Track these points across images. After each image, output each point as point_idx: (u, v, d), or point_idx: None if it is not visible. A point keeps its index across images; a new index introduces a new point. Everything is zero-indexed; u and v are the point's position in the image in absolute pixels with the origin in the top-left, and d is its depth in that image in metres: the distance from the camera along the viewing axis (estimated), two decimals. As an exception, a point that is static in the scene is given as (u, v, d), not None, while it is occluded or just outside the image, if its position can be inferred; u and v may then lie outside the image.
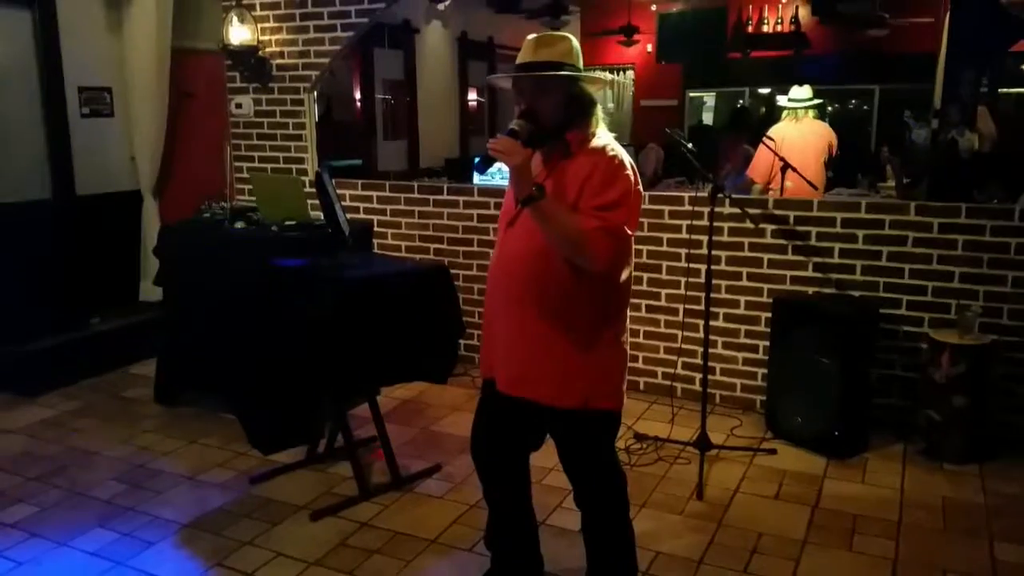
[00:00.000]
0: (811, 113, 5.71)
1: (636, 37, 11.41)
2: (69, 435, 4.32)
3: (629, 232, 2.32)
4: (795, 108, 5.68)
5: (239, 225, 4.51)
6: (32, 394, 4.87)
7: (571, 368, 2.41)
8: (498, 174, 5.56)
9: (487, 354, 2.61)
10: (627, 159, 2.36)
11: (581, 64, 2.42)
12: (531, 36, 2.40)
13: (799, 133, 5.56)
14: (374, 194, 5.53)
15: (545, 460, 2.78)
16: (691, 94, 12.04)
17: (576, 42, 2.44)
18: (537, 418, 2.53)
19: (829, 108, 10.67)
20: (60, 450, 4.14)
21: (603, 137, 2.40)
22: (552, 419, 2.50)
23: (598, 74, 2.56)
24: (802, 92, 5.69)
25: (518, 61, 2.39)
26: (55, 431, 4.37)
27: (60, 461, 4.01)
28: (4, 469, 3.92)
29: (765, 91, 11.45)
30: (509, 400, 2.50)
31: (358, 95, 9.01)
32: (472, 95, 10.88)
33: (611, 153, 2.34)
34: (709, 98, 12.13)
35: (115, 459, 4.04)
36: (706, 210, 3.98)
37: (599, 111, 2.43)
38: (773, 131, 5.59)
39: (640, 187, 2.38)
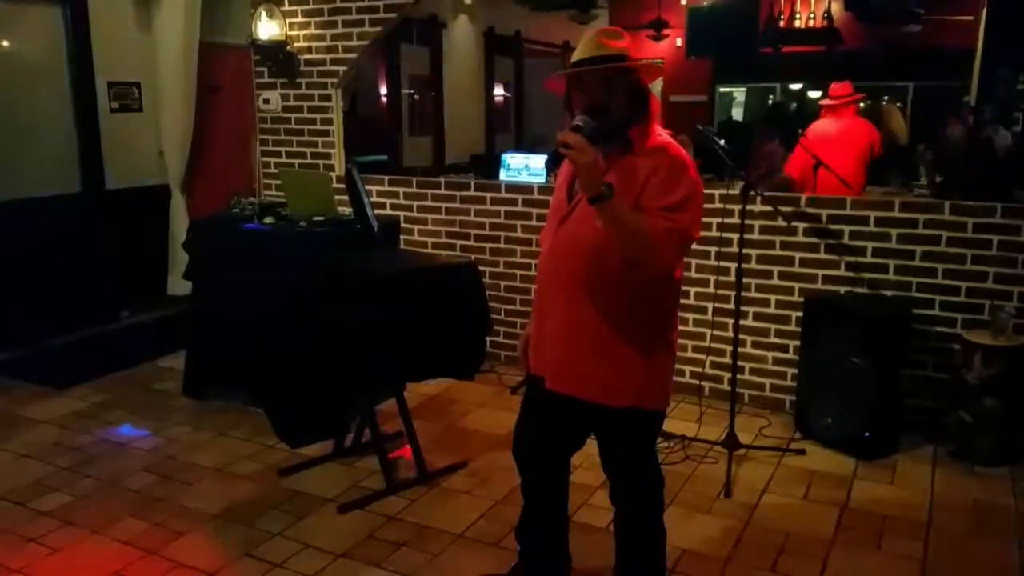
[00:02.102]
0: (852, 110, 5.61)
1: (666, 31, 11.34)
2: (100, 427, 4.37)
3: (695, 234, 2.28)
4: (833, 105, 5.60)
5: (268, 220, 4.54)
6: (62, 386, 4.93)
7: (625, 367, 2.38)
8: (525, 170, 5.57)
9: (536, 351, 2.57)
10: (689, 158, 2.32)
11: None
12: (590, 32, 2.35)
13: (836, 130, 5.48)
14: (401, 190, 5.54)
15: (573, 457, 2.77)
16: (721, 89, 11.96)
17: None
18: (584, 416, 2.51)
19: (861, 104, 10.56)
20: (91, 441, 4.19)
21: (663, 134, 2.36)
22: (600, 418, 2.47)
23: (654, 63, 2.49)
24: (840, 89, 5.61)
25: (577, 57, 2.32)
26: (86, 422, 4.42)
27: (91, 452, 4.06)
28: (37, 459, 3.98)
29: (796, 87, 11.36)
30: (557, 398, 2.47)
31: (384, 90, 9.04)
32: (498, 90, 10.87)
33: (674, 152, 2.29)
34: (739, 93, 12.05)
35: (145, 451, 4.08)
36: (737, 207, 3.95)
37: (656, 105, 2.39)
38: (811, 128, 5.53)
39: (702, 187, 2.33)
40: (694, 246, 4.57)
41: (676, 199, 2.23)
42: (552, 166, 2.25)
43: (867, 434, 3.95)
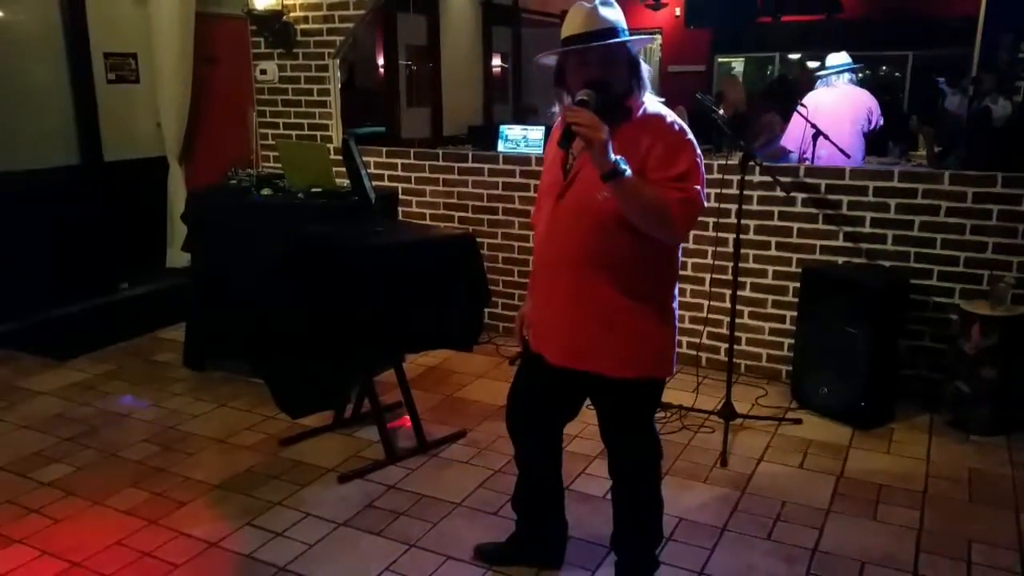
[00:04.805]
0: (844, 78, 5.56)
1: (664, 0, 11.25)
2: (100, 398, 4.39)
3: (703, 200, 2.28)
4: (827, 75, 5.56)
5: (266, 192, 4.53)
6: (62, 357, 4.95)
7: (634, 338, 2.39)
8: (523, 142, 5.55)
9: (537, 330, 2.56)
10: (685, 125, 2.31)
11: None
12: (584, 3, 2.30)
13: (832, 100, 5.44)
14: (399, 161, 5.52)
15: (570, 427, 2.79)
16: (720, 59, 11.87)
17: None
18: (585, 389, 2.53)
19: (860, 75, 10.50)
20: (92, 412, 4.21)
21: (655, 102, 2.35)
22: (607, 389, 2.47)
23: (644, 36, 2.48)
24: (835, 59, 5.57)
25: (574, 30, 2.27)
26: (86, 394, 4.44)
27: (92, 423, 4.08)
28: (38, 430, 3.99)
29: (795, 56, 11.28)
30: (559, 371, 2.47)
31: (381, 61, 8.97)
32: (496, 61, 10.79)
33: (670, 120, 2.29)
34: (738, 64, 11.96)
35: (146, 421, 4.10)
36: (735, 178, 3.94)
37: (649, 75, 2.37)
38: (807, 98, 5.49)
39: (701, 153, 2.32)
40: (692, 216, 4.60)
41: (683, 168, 2.23)
42: (567, 144, 2.24)
43: (863, 404, 3.97)
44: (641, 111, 2.31)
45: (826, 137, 4.88)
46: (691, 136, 2.29)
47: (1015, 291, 3.91)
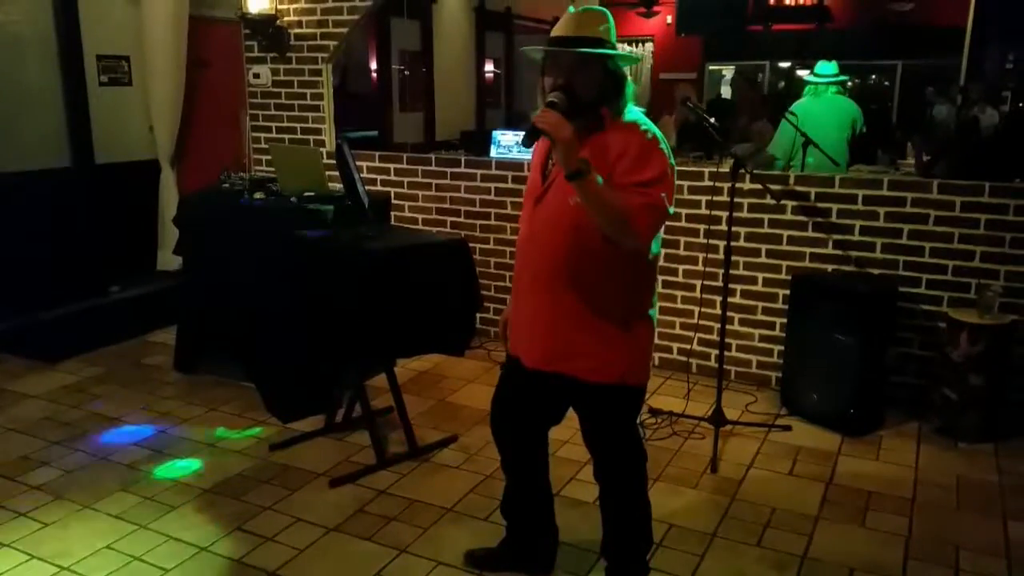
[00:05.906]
0: (832, 89, 5.64)
1: (656, 8, 11.31)
2: (90, 401, 4.38)
3: (670, 207, 2.30)
4: (816, 84, 5.62)
5: (258, 196, 4.52)
6: (52, 360, 4.93)
7: (610, 344, 2.41)
8: (515, 148, 5.57)
9: (515, 332, 2.59)
10: (659, 134, 2.33)
11: (615, 40, 2.40)
12: (572, 10, 2.35)
13: (819, 109, 5.50)
14: (391, 166, 5.52)
15: (560, 433, 2.80)
16: (711, 67, 11.92)
17: (612, 18, 2.41)
18: (565, 394, 2.54)
19: (849, 83, 10.57)
20: (82, 416, 4.19)
21: (634, 112, 2.37)
22: (583, 394, 2.50)
23: (632, 51, 2.52)
24: (826, 68, 5.63)
25: (557, 34, 2.34)
26: (76, 397, 4.43)
27: (82, 426, 4.06)
28: (27, 433, 3.98)
29: (785, 65, 11.34)
30: (537, 375, 2.49)
31: (374, 66, 8.98)
32: (489, 67, 10.81)
33: (643, 129, 2.31)
34: (729, 71, 12.02)
35: (136, 425, 4.09)
36: (726, 185, 3.96)
37: (631, 87, 2.40)
38: (794, 107, 5.54)
39: (673, 163, 2.34)
40: (683, 224, 4.64)
41: (651, 175, 2.25)
42: (529, 142, 2.26)
43: (852, 411, 3.99)
44: (618, 121, 2.34)
45: (816, 145, 4.92)
46: (664, 146, 2.31)
47: (1002, 299, 3.95)
